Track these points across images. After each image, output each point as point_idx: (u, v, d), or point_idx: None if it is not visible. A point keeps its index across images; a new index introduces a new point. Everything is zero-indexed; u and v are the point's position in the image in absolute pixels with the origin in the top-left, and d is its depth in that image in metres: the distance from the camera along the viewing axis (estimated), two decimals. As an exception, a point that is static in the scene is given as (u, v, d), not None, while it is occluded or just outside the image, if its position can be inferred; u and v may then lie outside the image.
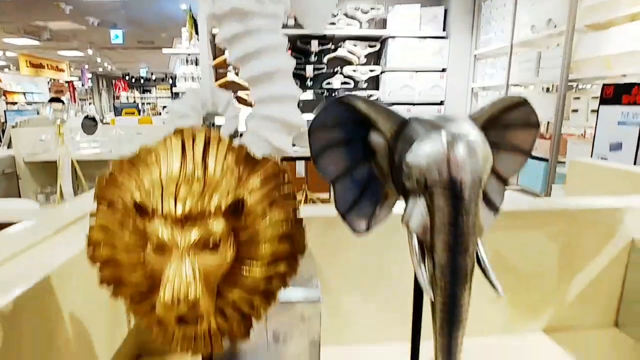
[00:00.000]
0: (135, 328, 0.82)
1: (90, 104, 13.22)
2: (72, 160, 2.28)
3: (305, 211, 0.84)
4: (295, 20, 3.76)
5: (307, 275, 0.69)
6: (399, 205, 0.50)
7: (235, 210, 0.41)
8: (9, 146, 3.44)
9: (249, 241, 0.43)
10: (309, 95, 3.74)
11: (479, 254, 0.46)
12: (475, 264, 0.45)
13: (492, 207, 0.52)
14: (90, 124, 3.63)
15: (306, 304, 0.62)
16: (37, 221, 0.78)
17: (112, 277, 0.44)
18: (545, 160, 3.01)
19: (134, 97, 15.88)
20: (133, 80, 16.58)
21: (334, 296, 0.86)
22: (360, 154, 0.50)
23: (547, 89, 3.67)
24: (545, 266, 0.92)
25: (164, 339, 0.47)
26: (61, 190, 2.08)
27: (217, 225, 0.40)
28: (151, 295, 0.44)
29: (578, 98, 2.89)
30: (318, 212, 0.86)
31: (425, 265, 0.45)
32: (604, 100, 2.46)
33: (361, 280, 0.87)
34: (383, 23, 4.07)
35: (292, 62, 0.63)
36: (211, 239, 0.39)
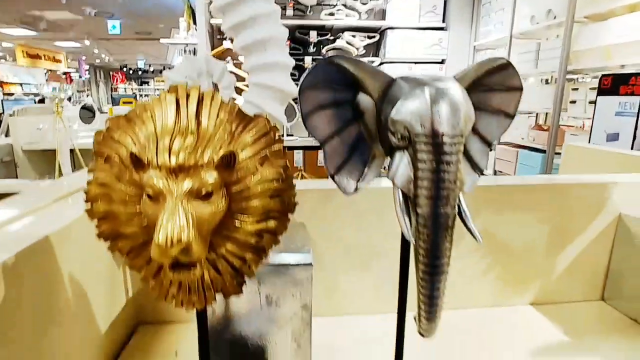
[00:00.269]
0: (133, 298, 0.84)
1: (88, 95, 13.16)
2: (71, 145, 2.30)
3: (300, 184, 0.86)
4: (295, 10, 3.74)
5: (300, 243, 0.71)
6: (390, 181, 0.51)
7: (228, 164, 0.42)
8: (7, 134, 3.44)
9: (240, 196, 0.44)
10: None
11: (460, 206, 0.48)
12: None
13: (477, 168, 0.54)
14: (87, 115, 3.64)
15: (298, 268, 0.64)
16: (36, 191, 0.79)
17: (110, 231, 0.46)
18: (543, 151, 3.04)
19: (132, 89, 15.81)
20: (131, 72, 16.48)
21: (326, 268, 0.88)
22: (349, 115, 0.52)
23: (546, 81, 3.67)
24: (533, 241, 0.94)
25: (159, 292, 0.48)
26: (60, 169, 2.10)
27: (210, 177, 0.41)
28: (147, 248, 0.46)
29: (576, 89, 2.90)
30: (313, 185, 0.88)
31: (409, 217, 0.47)
32: (602, 90, 2.47)
33: (354, 253, 0.89)
34: (382, 14, 4.05)
35: (285, 31, 0.64)
36: (204, 189, 0.41)
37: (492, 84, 0.52)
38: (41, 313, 0.55)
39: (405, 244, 0.56)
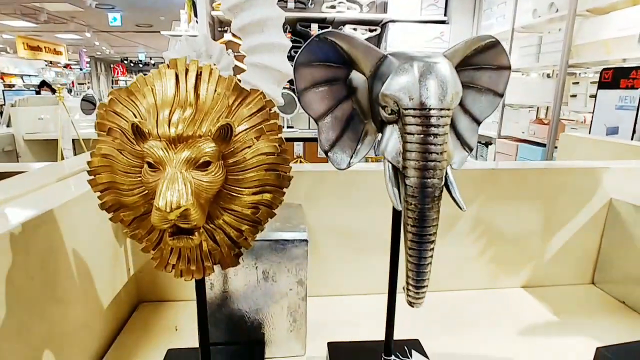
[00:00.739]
0: (134, 277, 0.87)
1: (88, 87, 13.15)
2: (75, 135, 2.33)
3: (297, 167, 0.88)
4: (296, 2, 3.71)
5: (296, 222, 0.73)
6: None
7: (225, 136, 0.44)
8: (8, 125, 3.46)
9: (236, 168, 0.46)
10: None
11: (447, 178, 0.49)
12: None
13: (467, 146, 0.56)
14: (88, 107, 3.66)
15: (294, 245, 0.66)
16: (40, 171, 0.81)
17: (113, 202, 0.48)
18: (543, 145, 3.04)
19: (133, 82, 15.77)
20: (132, 64, 16.46)
21: (321, 249, 0.91)
22: (343, 91, 0.53)
23: (548, 75, 3.67)
24: (525, 225, 0.96)
25: (160, 262, 0.50)
26: (62, 153, 2.13)
27: (207, 147, 0.43)
28: (148, 218, 0.47)
29: (577, 83, 2.90)
30: (309, 168, 0.90)
31: (398, 189, 0.49)
32: (603, 84, 2.47)
33: (348, 234, 0.91)
34: (384, 7, 4.04)
35: (282, 13, 0.65)
36: (202, 158, 0.42)
37: (481, 63, 0.53)
38: (47, 284, 0.57)
39: (396, 219, 0.57)
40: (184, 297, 0.90)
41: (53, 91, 6.00)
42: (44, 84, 6.39)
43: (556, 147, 2.93)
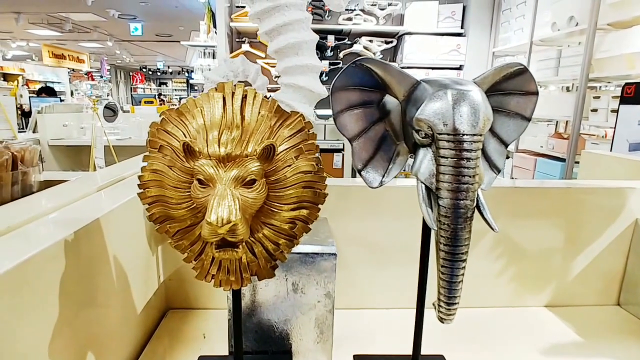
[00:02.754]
0: (164, 284, 0.90)
1: (108, 95, 13.54)
2: (105, 141, 2.44)
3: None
4: (313, 14, 3.77)
5: (324, 236, 0.75)
6: (412, 181, 0.55)
7: (268, 155, 0.47)
8: (34, 130, 3.60)
9: (277, 185, 0.49)
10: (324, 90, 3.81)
11: (478, 200, 0.51)
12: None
13: (495, 167, 0.58)
14: (109, 114, 3.79)
15: (323, 258, 0.68)
16: (80, 181, 0.86)
17: (160, 214, 0.51)
18: (562, 160, 2.99)
19: (151, 89, 16.26)
20: (150, 72, 16.93)
21: (347, 263, 0.92)
22: (376, 114, 0.56)
23: (567, 88, 3.63)
24: (549, 244, 0.95)
25: (200, 272, 0.53)
26: (94, 163, 2.23)
27: (253, 166, 0.46)
28: (192, 230, 0.51)
29: (598, 97, 2.86)
30: (335, 182, 0.92)
31: (431, 208, 0.51)
32: (625, 99, 2.43)
33: (374, 248, 0.92)
34: (400, 19, 4.08)
35: (315, 37, 0.69)
36: (248, 177, 0.45)
37: (509, 88, 0.56)
38: (91, 288, 0.60)
39: (425, 237, 0.59)
40: (211, 306, 0.92)
41: (50, 96, 6.29)
42: (42, 90, 6.74)
43: (577, 162, 2.88)
